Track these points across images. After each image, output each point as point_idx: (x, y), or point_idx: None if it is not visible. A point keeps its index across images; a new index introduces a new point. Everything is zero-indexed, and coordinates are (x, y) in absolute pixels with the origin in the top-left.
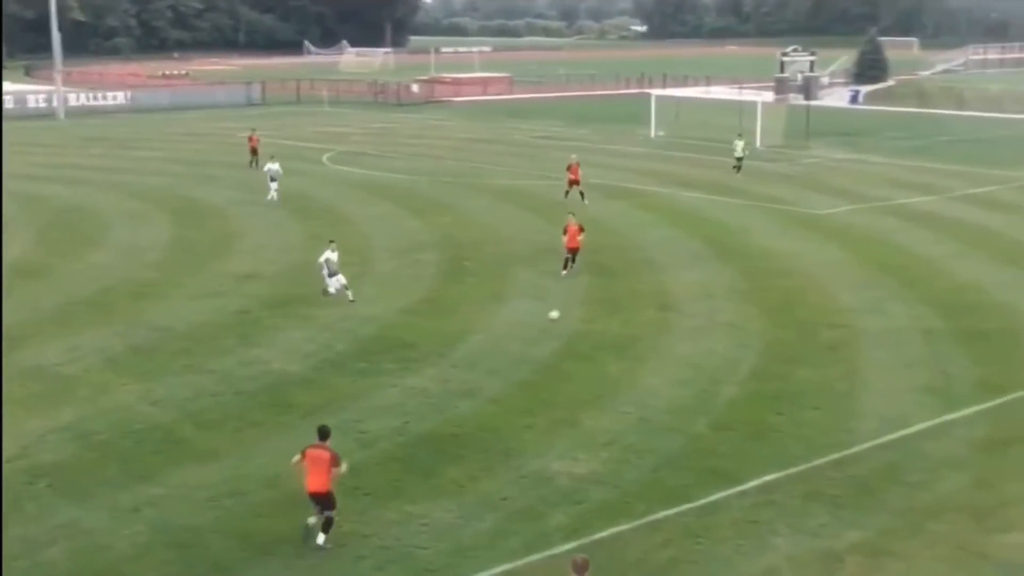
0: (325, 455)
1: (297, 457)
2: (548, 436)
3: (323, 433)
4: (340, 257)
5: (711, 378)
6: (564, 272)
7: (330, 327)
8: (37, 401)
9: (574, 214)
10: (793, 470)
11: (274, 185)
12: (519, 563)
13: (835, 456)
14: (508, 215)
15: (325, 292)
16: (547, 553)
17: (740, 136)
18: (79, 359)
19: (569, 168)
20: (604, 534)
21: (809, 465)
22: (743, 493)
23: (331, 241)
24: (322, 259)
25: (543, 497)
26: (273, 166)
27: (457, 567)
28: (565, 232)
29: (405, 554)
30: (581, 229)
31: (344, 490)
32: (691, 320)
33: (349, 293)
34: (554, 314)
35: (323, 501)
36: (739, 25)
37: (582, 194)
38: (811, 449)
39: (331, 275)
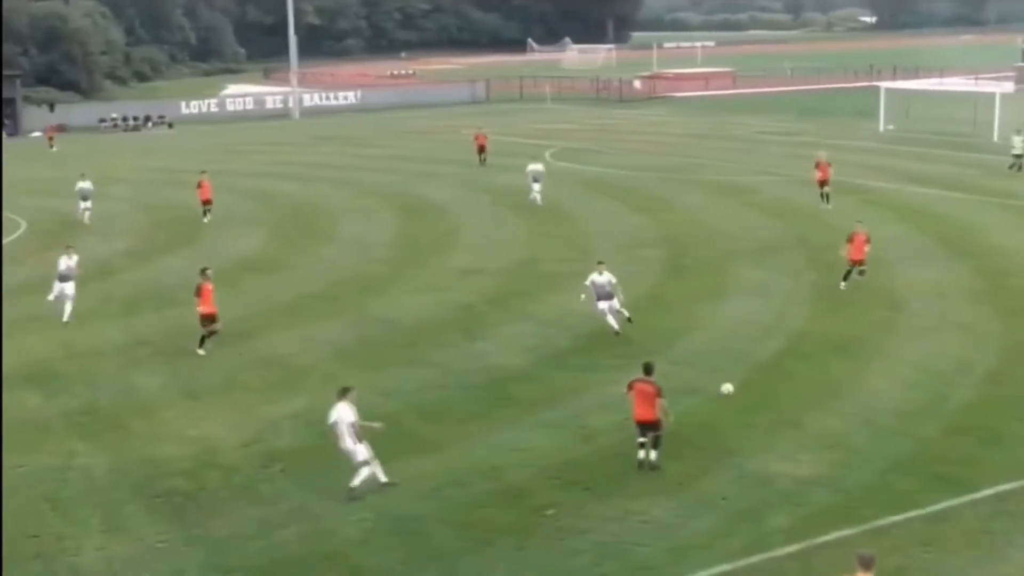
0: (651, 388)
1: (624, 390)
2: (769, 436)
3: (648, 368)
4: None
5: (943, 380)
6: (843, 284)
7: (551, 323)
8: (271, 389)
9: (861, 221)
10: None
11: (537, 186)
12: (738, 564)
13: None
14: (730, 212)
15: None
16: (767, 555)
17: (1019, 132)
18: (310, 350)
19: (817, 166)
20: (827, 538)
21: None
22: (976, 501)
23: (599, 262)
24: (587, 282)
25: (763, 498)
26: (536, 167)
27: (675, 566)
28: (850, 240)
29: (623, 550)
30: (868, 239)
31: (564, 484)
32: (921, 320)
33: (624, 312)
34: (727, 388)
35: (652, 426)
36: (975, 13)
37: (828, 196)
38: None
39: (599, 299)
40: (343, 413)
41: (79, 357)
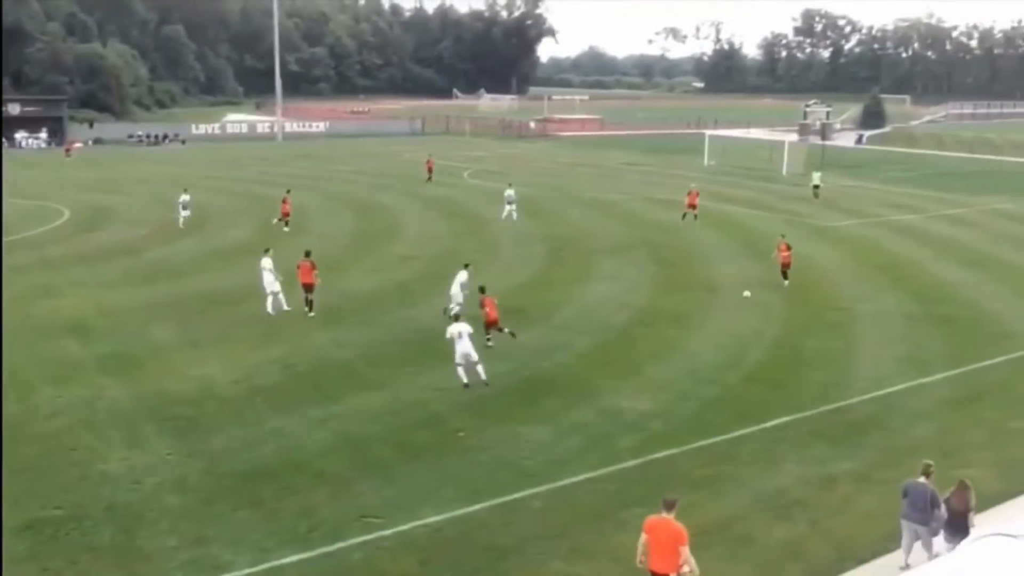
0: (671, 532)
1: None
2: (620, 381)
3: (669, 504)
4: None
5: (743, 344)
6: (786, 283)
7: (466, 296)
8: (256, 341)
9: (784, 235)
10: (801, 415)
11: (509, 207)
12: (596, 473)
13: (834, 406)
14: (596, 220)
15: (447, 312)
16: (617, 467)
17: (818, 169)
18: (286, 312)
19: (689, 194)
20: (660, 455)
21: (814, 412)
22: (764, 430)
23: (466, 264)
24: (454, 290)
25: (615, 426)
26: (510, 191)
27: (551, 474)
28: (778, 248)
29: (513, 462)
30: (789, 247)
31: (471, 414)
32: (729, 301)
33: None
34: (747, 293)
35: None
36: (774, 83)
37: (695, 216)
38: (816, 400)
39: (458, 306)
40: (463, 328)
41: (108, 314)
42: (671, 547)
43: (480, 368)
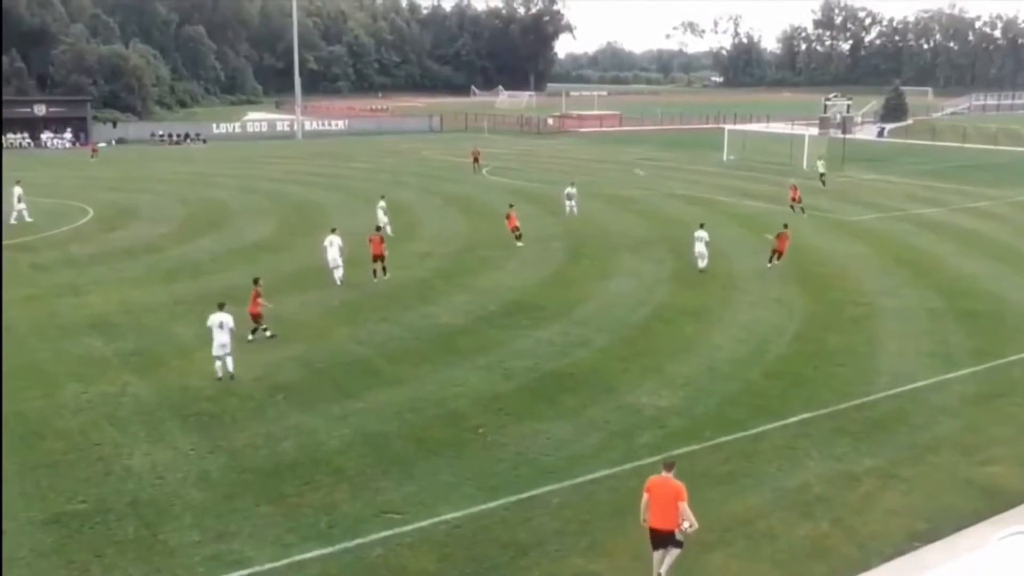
0: (670, 489)
1: (643, 495)
2: (640, 378)
3: (668, 464)
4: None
5: (763, 339)
6: (769, 265)
7: (484, 293)
8: (276, 338)
9: (787, 225)
10: (823, 411)
11: (570, 203)
12: (616, 470)
13: (857, 402)
14: (616, 216)
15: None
16: (637, 463)
17: (820, 158)
18: (306, 310)
19: (791, 188)
20: (680, 451)
21: (836, 408)
22: (785, 426)
23: (333, 229)
24: (332, 254)
25: (635, 422)
26: (571, 189)
27: (571, 471)
28: (778, 237)
29: (533, 459)
30: (788, 238)
31: (491, 410)
32: (749, 296)
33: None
34: (639, 172)
35: (666, 538)
36: (793, 77)
37: (802, 209)
38: (838, 396)
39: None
40: (224, 318)
41: (132, 312)
42: (671, 503)
43: (229, 360)
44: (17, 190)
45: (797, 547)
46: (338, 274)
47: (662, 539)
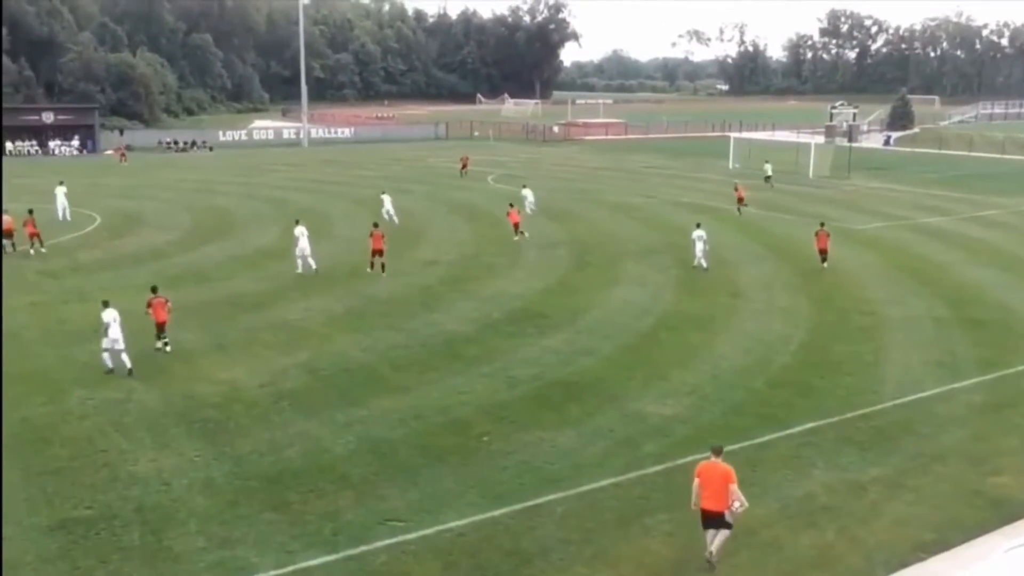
0: (719, 472)
1: (694, 480)
2: (645, 386)
3: (717, 450)
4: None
5: (768, 348)
6: (824, 265)
7: (489, 300)
8: (282, 345)
9: (824, 224)
10: (829, 420)
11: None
12: (621, 478)
13: (863, 411)
14: (620, 223)
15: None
16: (641, 472)
17: (767, 161)
18: (311, 316)
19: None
20: (685, 460)
21: (842, 417)
22: (790, 435)
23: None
24: (301, 244)
25: (640, 431)
26: (526, 191)
27: (575, 479)
28: (816, 236)
29: (537, 468)
30: (828, 235)
31: (495, 418)
32: (754, 304)
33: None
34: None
35: (717, 520)
36: (799, 85)
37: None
38: (844, 405)
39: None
40: (115, 315)
41: (136, 318)
42: (722, 486)
43: (125, 356)
44: (62, 189)
45: (802, 557)
46: (311, 262)
47: (713, 520)
